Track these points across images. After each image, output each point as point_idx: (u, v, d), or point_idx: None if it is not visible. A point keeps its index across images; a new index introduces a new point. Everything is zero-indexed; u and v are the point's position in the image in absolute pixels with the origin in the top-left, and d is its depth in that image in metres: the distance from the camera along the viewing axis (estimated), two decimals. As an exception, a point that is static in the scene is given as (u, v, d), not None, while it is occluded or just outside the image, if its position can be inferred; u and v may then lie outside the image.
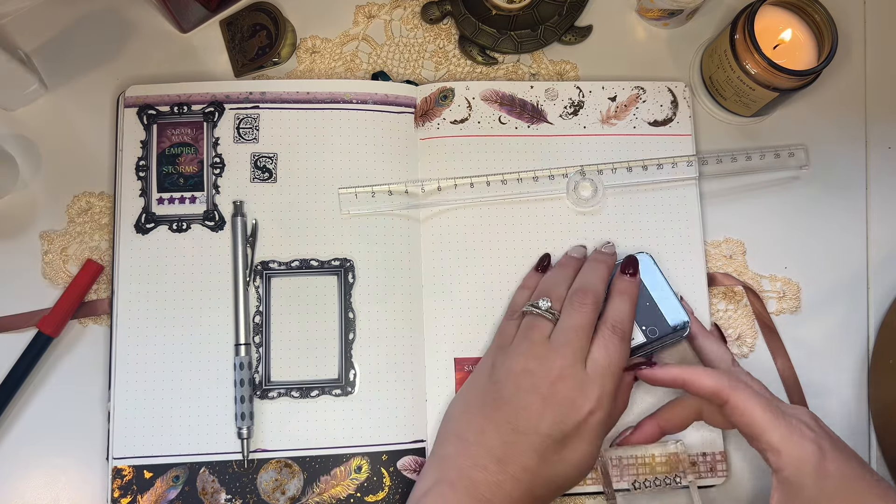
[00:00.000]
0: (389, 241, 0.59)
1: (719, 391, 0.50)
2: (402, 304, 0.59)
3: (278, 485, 0.56)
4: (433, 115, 0.61)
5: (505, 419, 0.50)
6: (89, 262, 0.58)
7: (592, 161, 0.61)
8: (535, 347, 0.52)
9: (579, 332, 0.51)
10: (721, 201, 0.63)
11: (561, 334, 0.52)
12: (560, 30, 0.64)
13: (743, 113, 0.63)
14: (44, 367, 0.58)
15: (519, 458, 0.49)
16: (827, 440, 0.48)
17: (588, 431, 0.50)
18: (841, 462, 0.47)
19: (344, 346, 0.58)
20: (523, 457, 0.49)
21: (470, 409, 0.53)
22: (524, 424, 0.49)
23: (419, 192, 0.60)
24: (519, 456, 0.49)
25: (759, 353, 0.61)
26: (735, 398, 0.49)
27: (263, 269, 0.58)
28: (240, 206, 0.59)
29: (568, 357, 0.50)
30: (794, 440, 0.47)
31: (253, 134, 0.60)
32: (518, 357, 0.52)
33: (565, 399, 0.50)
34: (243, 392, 0.56)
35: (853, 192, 0.64)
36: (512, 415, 0.50)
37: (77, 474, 0.57)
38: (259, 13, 0.62)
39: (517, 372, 0.51)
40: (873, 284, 0.63)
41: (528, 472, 0.49)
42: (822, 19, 0.58)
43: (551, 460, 0.49)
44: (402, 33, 0.64)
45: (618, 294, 0.54)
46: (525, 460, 0.49)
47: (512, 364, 0.52)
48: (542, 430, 0.49)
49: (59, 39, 0.62)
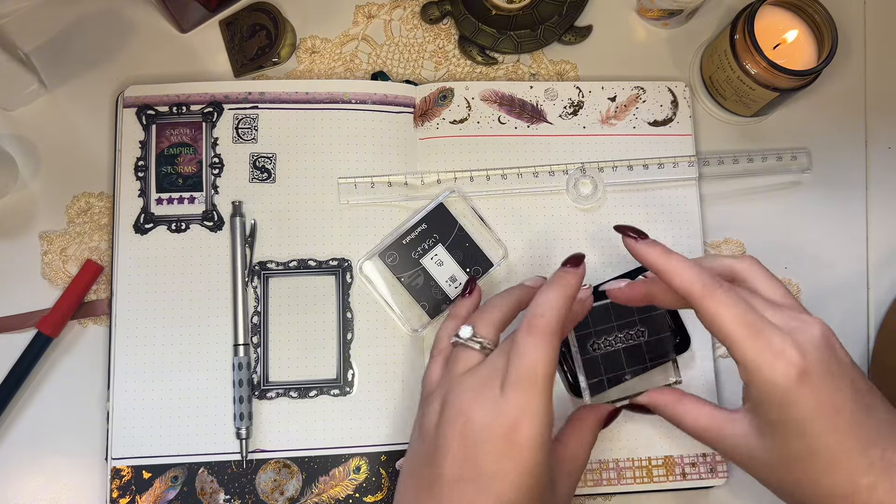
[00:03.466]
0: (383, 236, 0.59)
1: (690, 294, 0.44)
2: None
3: (277, 485, 0.56)
4: (432, 114, 0.61)
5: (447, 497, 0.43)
6: (89, 263, 0.58)
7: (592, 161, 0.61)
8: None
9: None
10: (721, 202, 0.63)
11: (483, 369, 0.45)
12: (560, 30, 0.63)
13: (743, 113, 0.63)
14: (43, 368, 0.58)
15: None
16: (821, 367, 0.41)
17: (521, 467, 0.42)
18: (827, 393, 0.41)
19: (342, 346, 0.58)
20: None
21: (407, 475, 0.47)
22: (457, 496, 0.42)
23: (419, 183, 0.60)
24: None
25: (759, 354, 0.61)
26: (705, 304, 0.43)
27: (261, 269, 0.58)
28: (239, 206, 0.59)
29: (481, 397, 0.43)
30: (766, 359, 0.41)
31: (252, 134, 0.60)
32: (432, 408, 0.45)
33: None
34: (242, 392, 0.56)
35: (853, 192, 0.64)
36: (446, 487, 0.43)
37: (76, 474, 0.57)
38: (259, 13, 0.62)
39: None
40: (873, 285, 0.63)
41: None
42: (822, 19, 0.58)
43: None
44: (401, 33, 0.64)
45: (548, 283, 0.47)
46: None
47: (428, 420, 0.45)
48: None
49: (59, 39, 0.62)
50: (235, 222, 0.58)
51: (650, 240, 0.47)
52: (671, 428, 0.58)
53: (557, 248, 0.60)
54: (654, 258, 0.46)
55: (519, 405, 0.42)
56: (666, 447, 0.58)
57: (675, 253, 0.46)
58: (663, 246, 0.46)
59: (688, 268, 0.44)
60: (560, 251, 0.60)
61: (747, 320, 0.42)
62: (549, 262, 0.60)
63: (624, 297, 0.50)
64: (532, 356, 0.43)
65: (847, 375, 0.42)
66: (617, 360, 0.54)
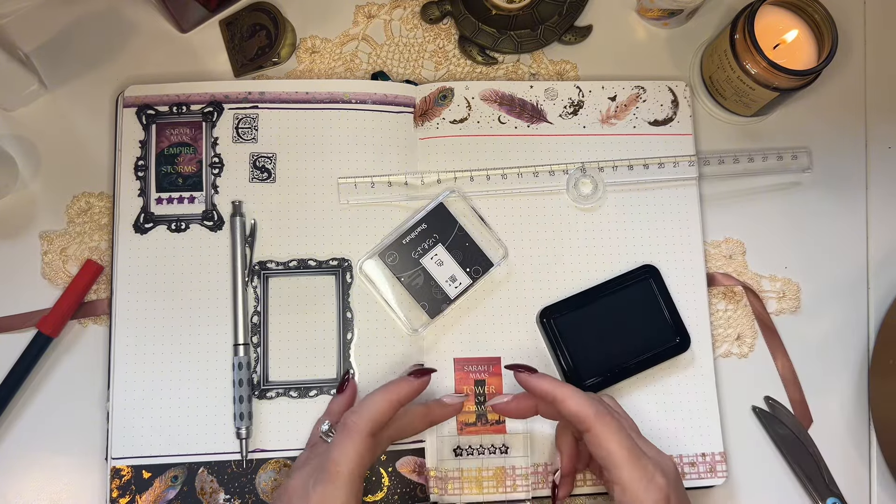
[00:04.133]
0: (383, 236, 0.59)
1: (584, 418, 0.49)
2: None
3: (277, 485, 0.56)
4: (433, 114, 0.61)
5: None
6: (89, 263, 0.58)
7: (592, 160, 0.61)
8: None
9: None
10: (721, 201, 0.63)
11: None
12: (560, 30, 0.63)
13: (743, 113, 0.63)
14: (43, 368, 0.58)
15: None
16: (676, 494, 0.48)
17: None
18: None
19: (342, 346, 0.58)
20: None
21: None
22: None
23: (419, 183, 0.60)
24: None
25: (759, 353, 0.61)
26: (598, 428, 0.48)
27: (261, 269, 0.58)
28: (238, 206, 0.59)
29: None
30: (642, 484, 0.47)
31: (252, 134, 0.60)
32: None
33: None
34: (242, 392, 0.56)
35: (853, 192, 0.64)
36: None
37: (76, 474, 0.57)
38: (259, 13, 0.62)
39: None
40: (873, 284, 0.63)
41: None
42: (822, 19, 0.58)
43: None
44: (401, 33, 0.64)
45: (381, 386, 0.52)
46: None
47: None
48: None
49: (59, 39, 0.62)
50: (235, 222, 0.58)
51: (539, 373, 0.53)
52: (671, 428, 0.59)
53: (558, 248, 0.60)
54: (546, 389, 0.51)
55: (320, 499, 0.47)
56: (666, 447, 0.58)
57: (562, 382, 0.52)
58: (551, 377, 0.52)
59: (577, 394, 0.50)
60: (560, 251, 0.60)
61: (629, 446, 0.48)
62: (550, 262, 0.60)
63: (512, 410, 0.55)
64: (336, 453, 0.48)
65: (687, 499, 0.50)
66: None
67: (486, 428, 0.57)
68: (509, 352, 0.59)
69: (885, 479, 0.60)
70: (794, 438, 0.60)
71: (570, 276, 0.60)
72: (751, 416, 0.60)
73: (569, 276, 0.60)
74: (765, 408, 0.60)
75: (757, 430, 0.60)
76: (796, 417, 0.60)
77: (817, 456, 0.59)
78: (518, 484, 0.57)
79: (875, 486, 0.60)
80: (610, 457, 0.48)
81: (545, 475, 0.57)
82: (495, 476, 0.57)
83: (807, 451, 0.60)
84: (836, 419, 0.61)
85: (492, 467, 0.57)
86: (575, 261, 0.60)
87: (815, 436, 0.60)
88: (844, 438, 0.60)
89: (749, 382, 0.61)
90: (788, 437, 0.60)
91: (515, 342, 0.59)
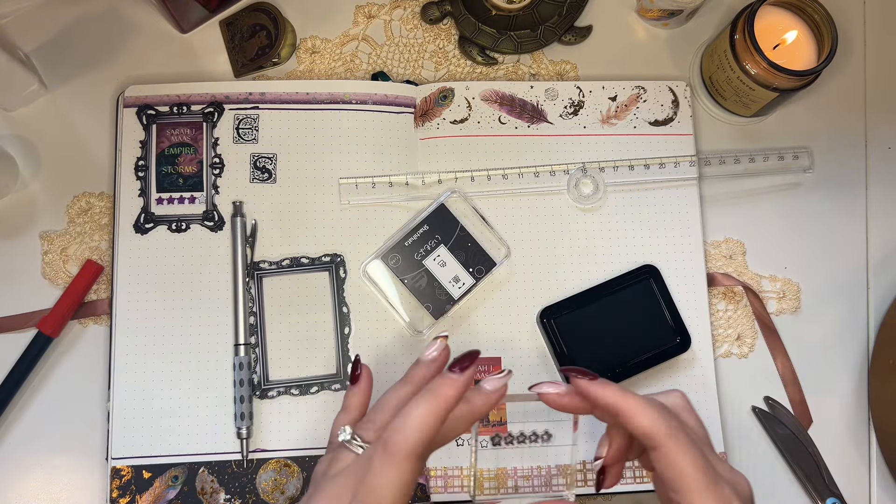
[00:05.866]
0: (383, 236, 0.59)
1: (655, 436, 0.42)
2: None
3: (277, 485, 0.56)
4: (433, 115, 0.61)
5: None
6: (89, 263, 0.58)
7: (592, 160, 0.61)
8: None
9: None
10: (721, 201, 0.63)
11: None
12: (560, 30, 0.64)
13: (743, 113, 0.63)
14: (44, 368, 0.58)
15: None
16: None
17: None
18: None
19: (340, 341, 0.58)
20: None
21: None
22: None
23: (420, 183, 0.60)
24: None
25: (759, 353, 0.61)
26: (669, 446, 0.42)
27: (254, 269, 0.58)
28: (239, 206, 0.59)
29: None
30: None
31: (252, 134, 0.60)
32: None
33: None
34: (242, 392, 0.56)
35: (853, 192, 0.64)
36: None
37: (76, 474, 0.57)
38: (259, 13, 0.62)
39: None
40: (873, 284, 0.63)
41: None
42: (822, 19, 0.58)
43: None
44: (401, 33, 0.64)
45: (421, 394, 0.43)
46: None
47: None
48: None
49: (59, 39, 0.62)
50: (236, 222, 0.58)
51: (601, 379, 0.44)
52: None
53: (558, 248, 0.60)
54: (611, 401, 0.43)
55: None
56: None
57: (628, 392, 0.44)
58: (615, 385, 0.44)
59: (648, 408, 0.43)
60: (561, 251, 0.60)
61: (704, 467, 0.42)
62: (550, 262, 0.60)
63: (566, 405, 0.46)
64: (377, 481, 0.40)
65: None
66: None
67: (486, 429, 0.57)
68: (509, 352, 0.59)
69: (884, 479, 0.60)
70: (793, 438, 0.60)
71: (570, 276, 0.60)
72: (751, 416, 0.60)
73: (569, 276, 0.60)
74: (765, 408, 0.60)
75: (757, 430, 0.60)
76: (796, 417, 0.60)
77: (817, 456, 0.60)
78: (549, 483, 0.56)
79: (875, 486, 0.60)
80: (682, 479, 0.41)
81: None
82: (496, 477, 0.57)
83: (806, 452, 0.60)
84: (836, 419, 0.61)
85: (520, 464, 0.56)
86: (575, 261, 0.60)
87: (815, 436, 0.60)
88: (844, 438, 0.60)
89: (749, 382, 0.61)
90: (788, 438, 0.60)
91: (515, 342, 0.59)
